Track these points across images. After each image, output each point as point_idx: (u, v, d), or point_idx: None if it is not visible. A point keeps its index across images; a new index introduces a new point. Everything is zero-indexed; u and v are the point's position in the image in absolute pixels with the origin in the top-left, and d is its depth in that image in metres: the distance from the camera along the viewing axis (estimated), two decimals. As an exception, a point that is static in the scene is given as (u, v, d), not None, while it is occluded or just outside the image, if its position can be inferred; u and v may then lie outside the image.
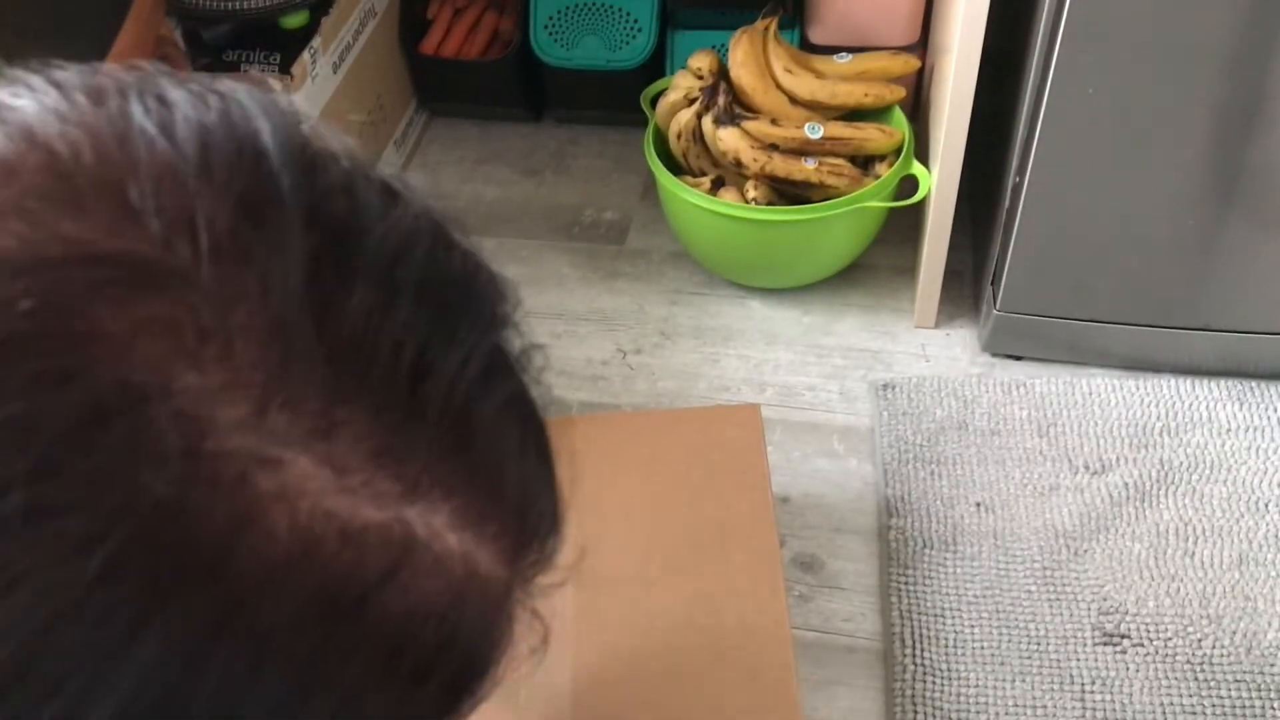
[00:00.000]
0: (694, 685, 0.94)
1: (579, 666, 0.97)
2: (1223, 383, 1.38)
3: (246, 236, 0.27)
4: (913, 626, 1.15)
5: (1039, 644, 1.13)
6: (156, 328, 0.26)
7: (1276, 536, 1.21)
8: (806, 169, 1.46)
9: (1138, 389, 1.38)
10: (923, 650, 1.13)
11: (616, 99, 1.75)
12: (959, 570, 1.20)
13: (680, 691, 0.95)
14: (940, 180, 1.36)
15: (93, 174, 0.27)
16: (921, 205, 1.46)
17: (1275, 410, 1.35)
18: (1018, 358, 1.45)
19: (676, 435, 1.16)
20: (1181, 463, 1.29)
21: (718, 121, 1.47)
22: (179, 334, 0.26)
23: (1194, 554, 1.20)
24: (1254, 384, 1.38)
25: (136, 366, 0.26)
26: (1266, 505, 1.24)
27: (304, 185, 0.29)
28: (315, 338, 0.27)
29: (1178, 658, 1.11)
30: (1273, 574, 1.18)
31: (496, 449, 0.31)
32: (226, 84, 0.30)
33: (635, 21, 1.73)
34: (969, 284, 1.55)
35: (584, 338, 1.53)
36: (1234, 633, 1.13)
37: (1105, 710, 1.08)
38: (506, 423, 0.31)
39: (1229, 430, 1.33)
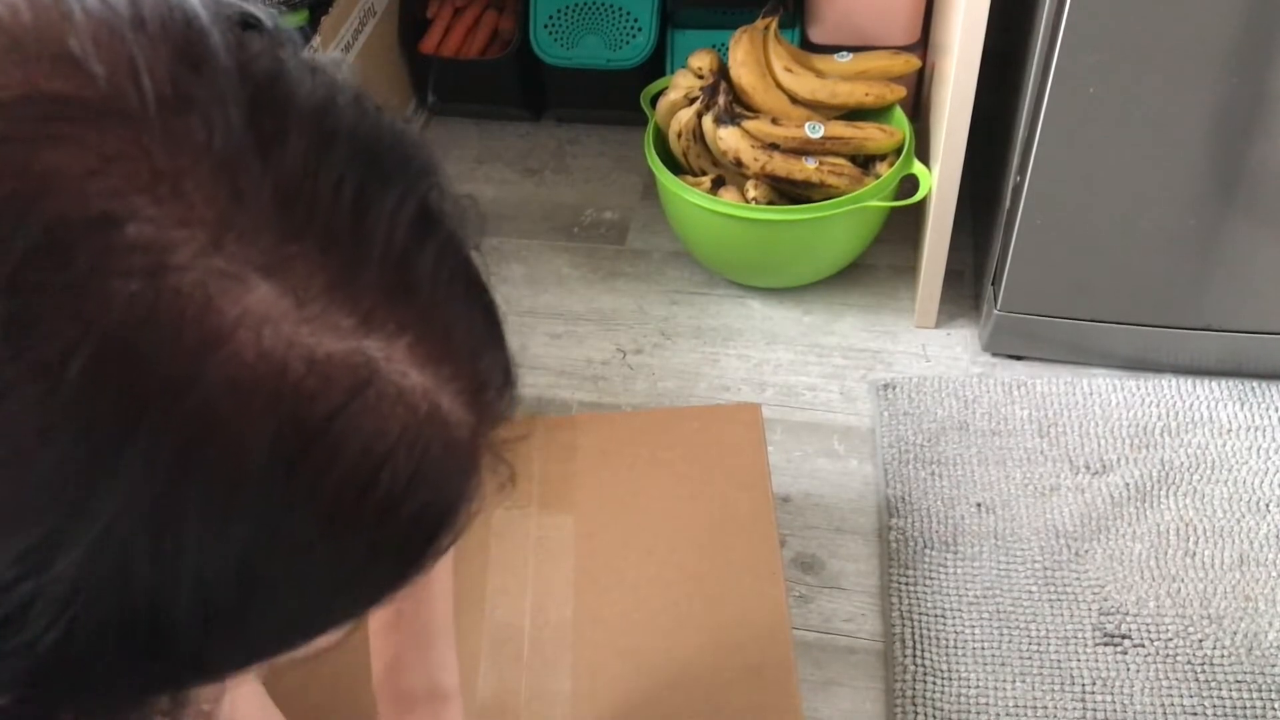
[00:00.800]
0: (694, 683, 0.94)
1: (579, 664, 0.98)
2: (1224, 383, 1.38)
3: (186, 83, 0.29)
4: (913, 627, 1.15)
5: (1039, 644, 1.13)
6: (112, 164, 0.27)
7: (1277, 537, 1.21)
8: (807, 168, 1.46)
9: (1138, 389, 1.38)
10: (923, 651, 1.13)
11: (616, 98, 1.75)
12: (959, 571, 1.20)
13: (680, 689, 0.95)
14: (941, 180, 1.36)
15: (31, 28, 0.29)
16: (922, 205, 1.46)
17: (1276, 410, 1.35)
18: (1018, 358, 1.45)
19: (678, 434, 1.16)
20: (1182, 463, 1.29)
21: (718, 121, 1.47)
22: (134, 170, 0.28)
23: (1195, 554, 1.20)
24: (1255, 384, 1.38)
25: (95, 197, 0.27)
26: (1267, 505, 1.24)
27: (233, 42, 0.31)
28: (260, 176, 0.29)
29: (1178, 658, 1.11)
30: (1273, 574, 1.18)
31: (441, 293, 0.32)
32: None
33: (635, 21, 1.73)
34: (969, 284, 1.55)
35: (584, 338, 1.53)
36: (1235, 633, 1.13)
37: (1106, 711, 1.08)
38: (447, 270, 0.33)
39: (1230, 430, 1.33)
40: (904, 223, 1.60)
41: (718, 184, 1.49)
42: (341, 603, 0.34)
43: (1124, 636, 1.13)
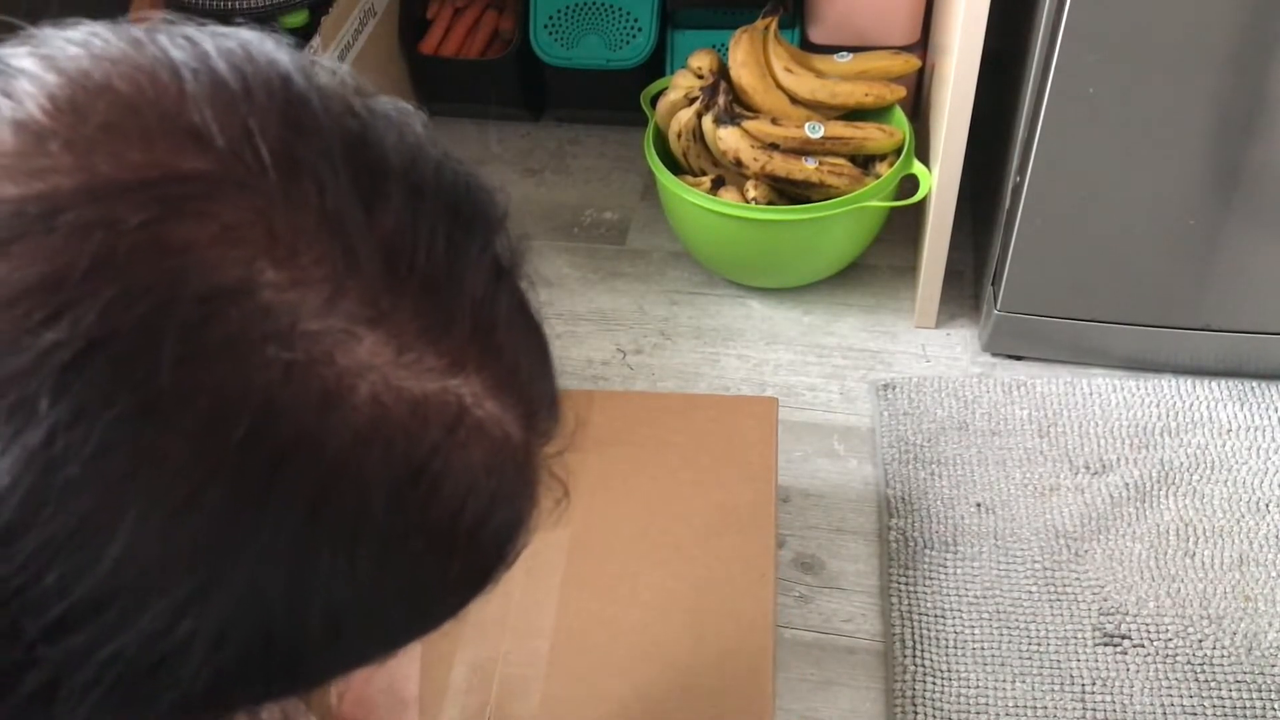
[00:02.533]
0: (669, 660, 0.95)
1: (559, 629, 0.99)
2: (1223, 383, 1.38)
3: (294, 146, 0.31)
4: (913, 627, 1.15)
5: (1039, 645, 1.13)
6: (236, 232, 0.29)
7: (1277, 537, 1.21)
8: (807, 168, 1.46)
9: (1138, 389, 1.38)
10: (923, 651, 1.13)
11: (616, 99, 1.75)
12: (959, 571, 1.20)
13: (655, 662, 0.96)
14: (940, 180, 1.36)
15: (155, 106, 0.30)
16: (922, 205, 1.46)
17: (1276, 410, 1.35)
18: (1018, 358, 1.45)
19: (690, 419, 1.17)
20: (1182, 463, 1.29)
21: (718, 121, 1.47)
22: (256, 236, 0.30)
23: (1194, 554, 1.20)
24: (1255, 384, 1.38)
25: (229, 266, 0.29)
26: (1267, 505, 1.24)
27: (326, 102, 0.33)
28: (367, 232, 0.31)
29: (1178, 658, 1.11)
30: (1273, 574, 1.18)
31: (513, 331, 0.36)
32: (234, 28, 0.34)
33: (635, 21, 1.73)
34: (969, 284, 1.55)
35: (584, 338, 1.53)
36: (1234, 633, 1.13)
37: (1106, 711, 1.08)
38: (517, 308, 0.36)
39: (1230, 430, 1.33)
40: (904, 223, 1.60)
41: (718, 184, 1.49)
42: (433, 617, 0.37)
43: (1124, 636, 1.13)
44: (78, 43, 0.32)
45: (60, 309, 0.28)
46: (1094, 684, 1.10)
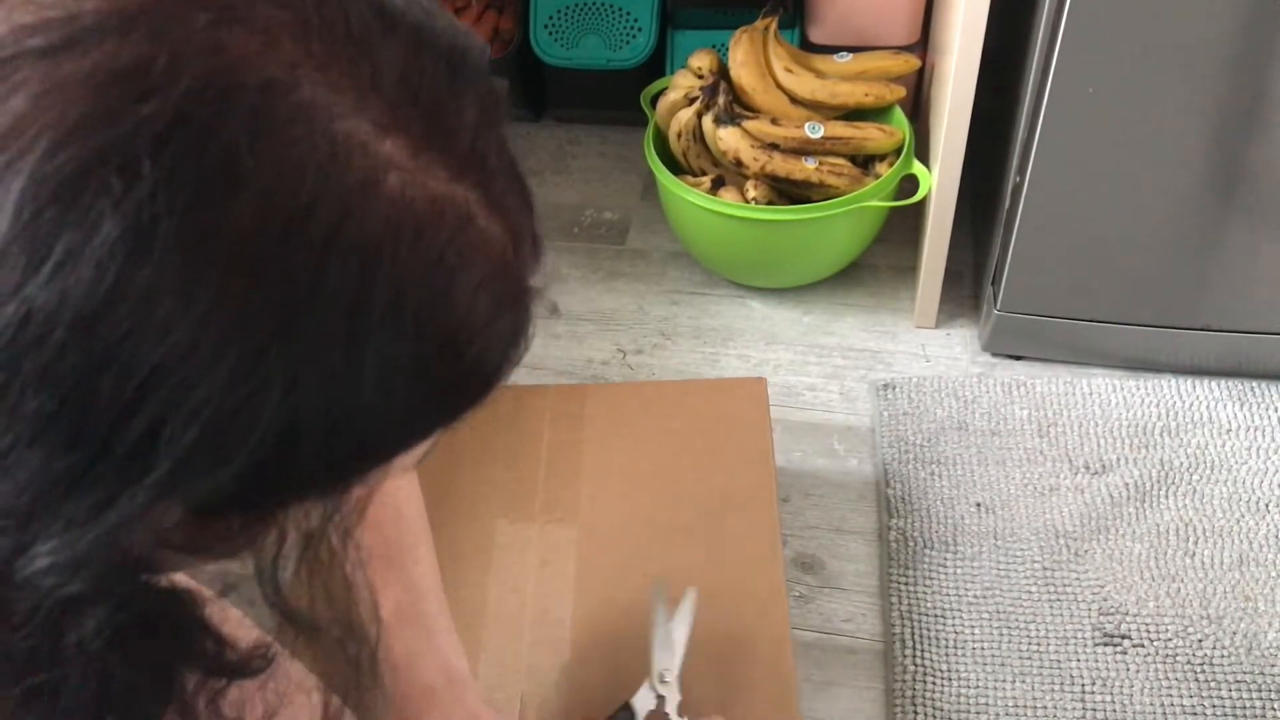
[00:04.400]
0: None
1: (578, 618, 1.01)
2: (1223, 383, 1.38)
3: None
4: (913, 627, 1.15)
5: (1039, 644, 1.13)
6: (280, 41, 0.35)
7: (1277, 537, 1.21)
8: (807, 168, 1.46)
9: (1138, 389, 1.38)
10: (923, 651, 1.13)
11: (616, 99, 1.75)
12: (959, 571, 1.20)
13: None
14: (940, 180, 1.36)
15: None
16: (921, 205, 1.46)
17: (1276, 410, 1.35)
18: (1018, 358, 1.45)
19: (684, 406, 1.19)
20: (1182, 463, 1.29)
21: (718, 121, 1.47)
22: (295, 46, 0.36)
23: (1194, 554, 1.20)
24: (1254, 384, 1.38)
25: (274, 68, 0.35)
26: (1267, 505, 1.24)
27: None
28: (386, 54, 0.38)
29: (1178, 658, 1.11)
30: (1273, 574, 1.18)
31: (500, 162, 0.41)
32: None
33: (635, 21, 1.73)
34: (969, 284, 1.55)
35: (584, 338, 1.53)
36: (1234, 633, 1.13)
37: (1105, 711, 1.08)
38: (501, 145, 0.42)
39: (1229, 430, 1.33)
40: (904, 223, 1.60)
41: (718, 184, 1.49)
42: (441, 412, 0.42)
43: (1123, 636, 1.13)
44: None
45: (149, 90, 0.33)
46: (1094, 684, 1.10)
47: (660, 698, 0.89)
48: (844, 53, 1.55)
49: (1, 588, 0.36)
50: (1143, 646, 1.12)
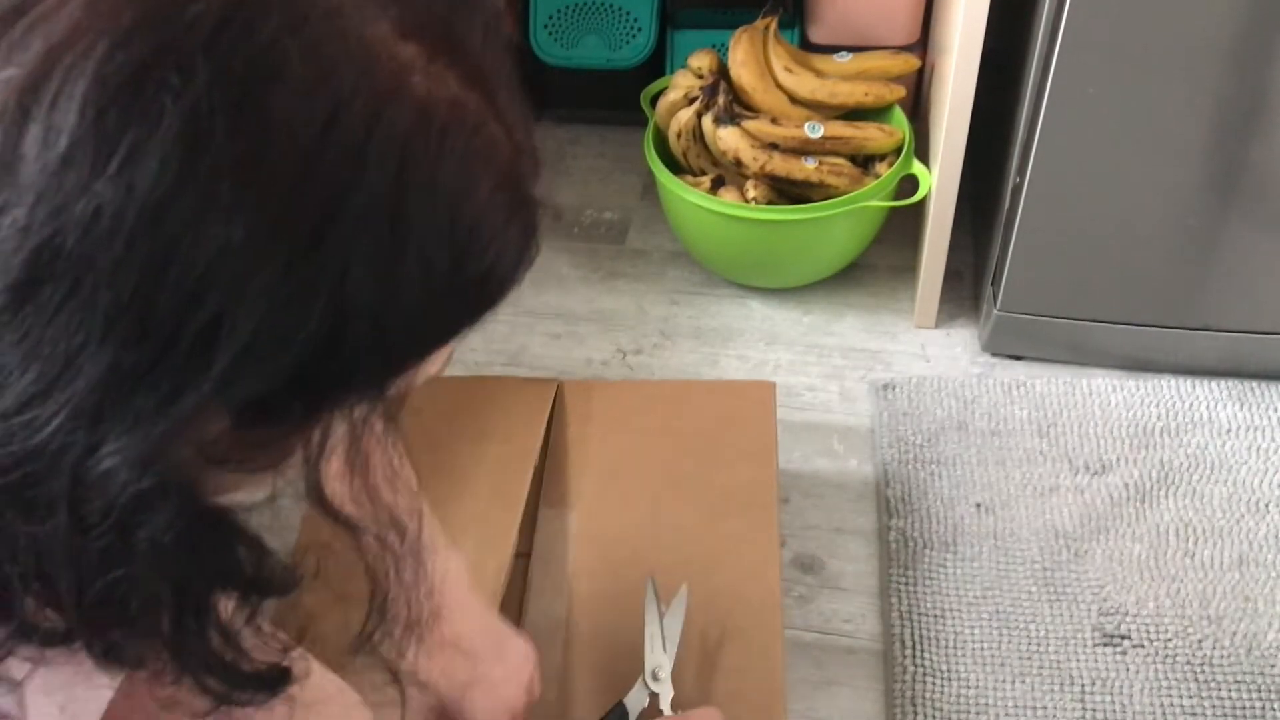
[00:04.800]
0: (681, 643, 0.96)
1: (573, 618, 1.01)
2: (1223, 383, 1.38)
3: None
4: (913, 627, 1.15)
5: (1039, 645, 1.13)
6: None
7: (1277, 537, 1.21)
8: (806, 168, 1.46)
9: (1138, 389, 1.38)
10: (923, 651, 1.13)
11: (616, 98, 1.75)
12: (959, 571, 1.20)
13: None
14: (940, 180, 1.36)
15: None
16: (921, 205, 1.46)
17: (1275, 410, 1.35)
18: (1018, 358, 1.45)
19: (691, 405, 1.19)
20: (1181, 463, 1.29)
21: (718, 121, 1.47)
22: None
23: (1194, 554, 1.20)
24: (1254, 384, 1.38)
25: None
26: (1267, 505, 1.24)
27: None
28: None
29: (1178, 658, 1.11)
30: (1273, 574, 1.18)
31: (506, 74, 0.44)
32: None
33: (635, 21, 1.73)
34: (969, 284, 1.55)
35: (584, 338, 1.53)
36: (1234, 633, 1.13)
37: (1105, 711, 1.08)
38: (504, 65, 0.45)
39: (1229, 430, 1.33)
40: (904, 223, 1.60)
41: (717, 184, 1.49)
42: (468, 308, 0.45)
43: (1123, 637, 1.13)
44: None
45: None
46: (1094, 684, 1.10)
47: (654, 695, 0.90)
48: (844, 52, 1.55)
49: (75, 489, 0.38)
50: (1142, 647, 1.12)
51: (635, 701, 0.89)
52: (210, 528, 0.43)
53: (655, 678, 0.90)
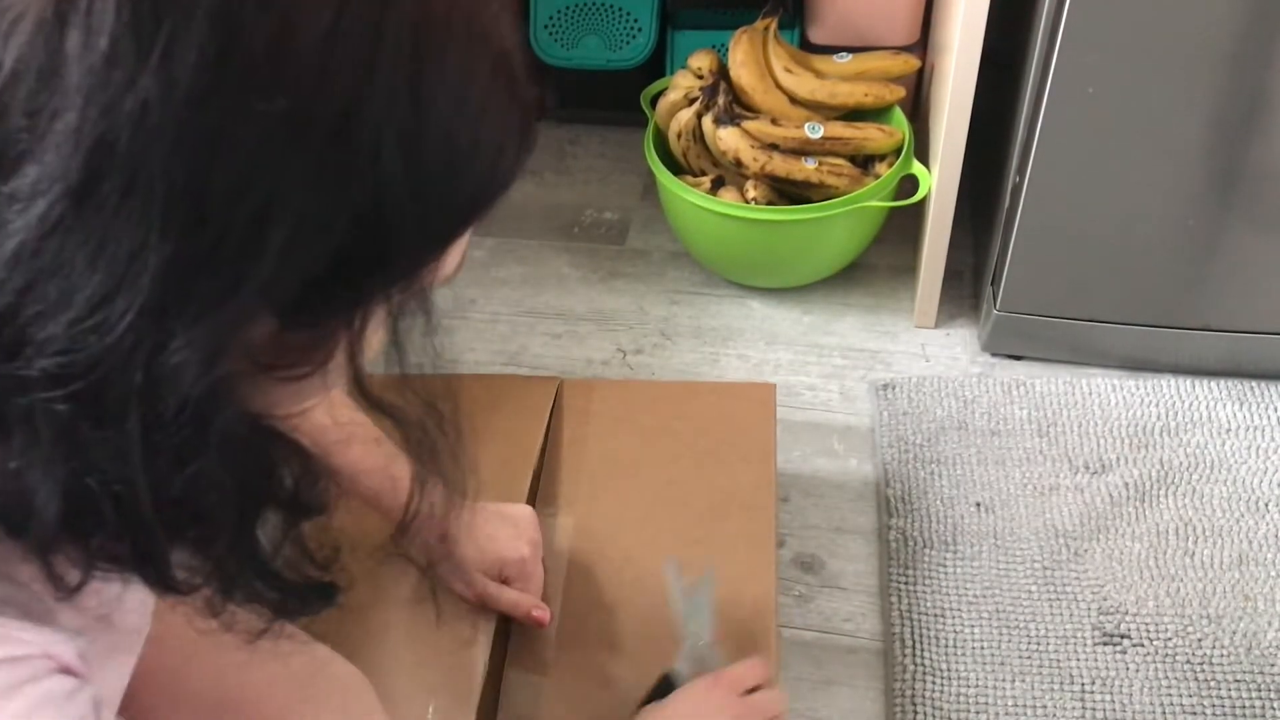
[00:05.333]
0: (675, 644, 0.96)
1: (565, 615, 1.01)
2: (1223, 383, 1.38)
3: None
4: (913, 626, 1.15)
5: (1039, 644, 1.13)
6: None
7: (1276, 536, 1.21)
8: (806, 169, 1.46)
9: (1138, 389, 1.38)
10: (923, 650, 1.13)
11: (616, 99, 1.75)
12: (959, 570, 1.20)
13: (661, 647, 0.97)
14: (940, 180, 1.36)
15: None
16: (921, 205, 1.46)
17: (1275, 410, 1.35)
18: (1018, 358, 1.45)
19: (691, 406, 1.19)
20: (1181, 463, 1.29)
21: (718, 121, 1.47)
22: None
23: (1194, 554, 1.20)
24: (1254, 384, 1.38)
25: None
26: (1266, 505, 1.24)
27: None
28: None
29: (1178, 658, 1.11)
30: (1273, 574, 1.18)
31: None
32: None
33: (635, 21, 1.73)
34: (969, 284, 1.55)
35: (584, 338, 1.53)
36: (1234, 633, 1.13)
37: (1105, 710, 1.08)
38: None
39: (1229, 430, 1.33)
40: (904, 223, 1.60)
41: (717, 184, 1.49)
42: (480, 195, 0.47)
43: (1123, 636, 1.13)
44: None
45: None
46: (1094, 683, 1.10)
47: (700, 659, 0.90)
48: (844, 53, 1.55)
49: (147, 386, 0.39)
50: (1142, 646, 1.12)
51: (681, 672, 0.89)
52: (266, 432, 0.46)
53: (698, 646, 0.90)
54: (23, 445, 0.40)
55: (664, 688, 0.88)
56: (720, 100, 1.48)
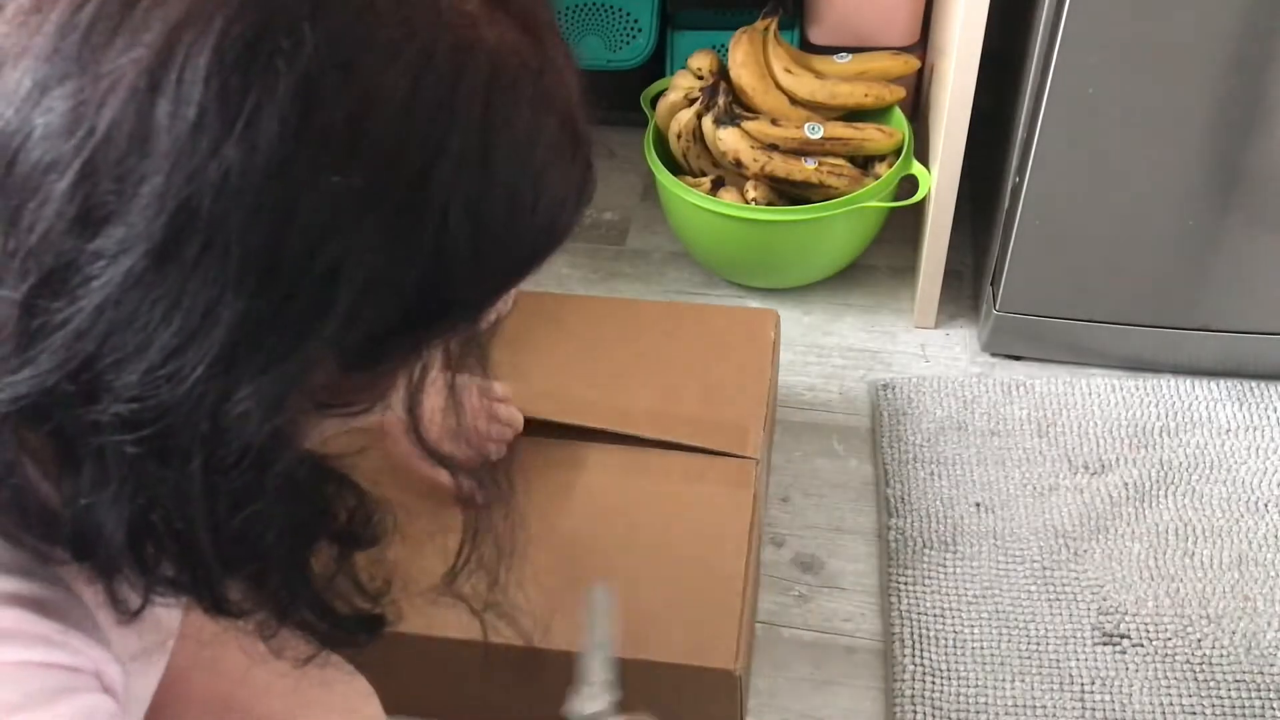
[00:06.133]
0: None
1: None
2: (1222, 383, 1.38)
3: None
4: (912, 626, 1.15)
5: (1039, 644, 1.13)
6: None
7: (1276, 537, 1.21)
8: (806, 169, 1.46)
9: (1137, 389, 1.38)
10: (923, 650, 1.13)
11: (616, 99, 1.75)
12: (959, 570, 1.20)
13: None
14: (940, 180, 1.36)
15: None
16: (921, 205, 1.46)
17: (1275, 410, 1.35)
18: (1017, 358, 1.45)
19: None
20: (1181, 463, 1.29)
21: (718, 121, 1.47)
22: None
23: (1193, 554, 1.20)
24: (1254, 384, 1.38)
25: None
26: (1266, 505, 1.25)
27: None
28: None
29: (1177, 658, 1.11)
30: (1272, 574, 1.18)
31: (550, 18, 0.47)
32: None
33: (635, 21, 1.73)
34: (969, 284, 1.55)
35: (584, 338, 1.53)
36: (1233, 633, 1.13)
37: (1105, 710, 1.08)
38: (548, 5, 0.48)
39: (1228, 430, 1.33)
40: (903, 223, 1.60)
41: (717, 184, 1.49)
42: (542, 243, 0.48)
43: (1123, 636, 1.13)
44: None
45: None
46: (1093, 683, 1.10)
47: (603, 699, 0.84)
48: (844, 53, 1.55)
49: (214, 432, 0.41)
50: (1142, 646, 1.12)
51: (579, 710, 0.84)
52: (322, 472, 0.48)
53: (598, 685, 0.84)
54: (93, 481, 0.42)
55: None
56: (720, 100, 1.48)
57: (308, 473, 0.46)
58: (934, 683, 1.11)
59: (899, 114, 1.54)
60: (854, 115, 1.54)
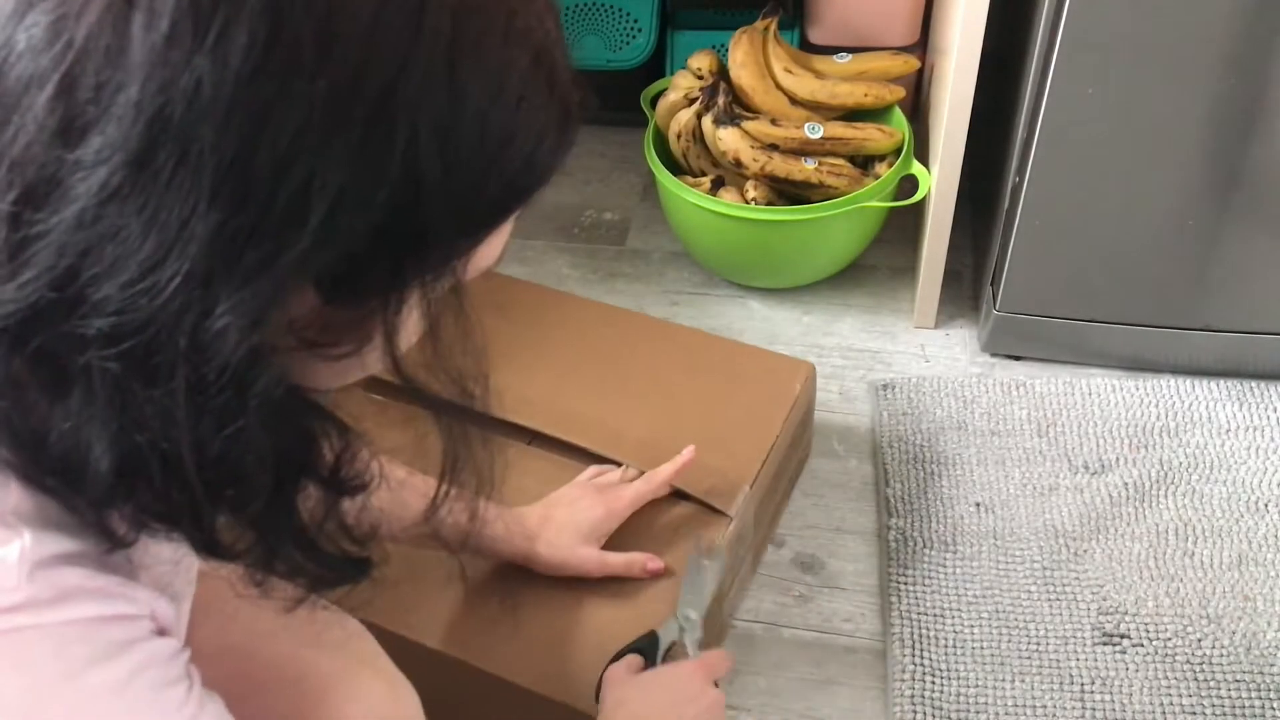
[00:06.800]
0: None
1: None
2: (1222, 383, 1.38)
3: None
4: (912, 626, 1.15)
5: (1039, 644, 1.13)
6: None
7: (1276, 536, 1.21)
8: (806, 169, 1.46)
9: (1137, 389, 1.38)
10: (922, 650, 1.13)
11: (616, 99, 1.75)
12: (959, 570, 1.20)
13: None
14: (940, 180, 1.36)
15: None
16: (921, 205, 1.46)
17: (1275, 410, 1.35)
18: (1017, 358, 1.45)
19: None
20: (1181, 463, 1.29)
21: (718, 121, 1.47)
22: None
23: (1193, 554, 1.20)
24: (1254, 384, 1.38)
25: None
26: (1266, 505, 1.25)
27: None
28: None
29: (1177, 658, 1.11)
30: (1272, 574, 1.18)
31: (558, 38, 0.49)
32: None
33: (635, 21, 1.73)
34: (969, 284, 1.55)
35: (584, 338, 1.53)
36: (1233, 633, 1.13)
37: (1105, 710, 1.08)
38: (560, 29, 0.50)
39: (1229, 430, 1.33)
40: (903, 223, 1.60)
41: (717, 184, 1.49)
42: (520, 182, 0.50)
43: (1123, 636, 1.13)
44: None
45: None
46: (1093, 683, 1.10)
47: (682, 630, 0.95)
48: (843, 53, 1.55)
49: (193, 349, 0.42)
50: (1142, 646, 1.12)
51: (666, 634, 0.94)
52: (304, 402, 0.49)
53: (688, 618, 0.95)
54: (79, 403, 0.44)
55: (641, 646, 0.93)
56: (720, 100, 1.48)
57: (289, 398, 0.47)
58: (934, 682, 1.11)
59: (899, 114, 1.54)
60: (854, 115, 1.54)
